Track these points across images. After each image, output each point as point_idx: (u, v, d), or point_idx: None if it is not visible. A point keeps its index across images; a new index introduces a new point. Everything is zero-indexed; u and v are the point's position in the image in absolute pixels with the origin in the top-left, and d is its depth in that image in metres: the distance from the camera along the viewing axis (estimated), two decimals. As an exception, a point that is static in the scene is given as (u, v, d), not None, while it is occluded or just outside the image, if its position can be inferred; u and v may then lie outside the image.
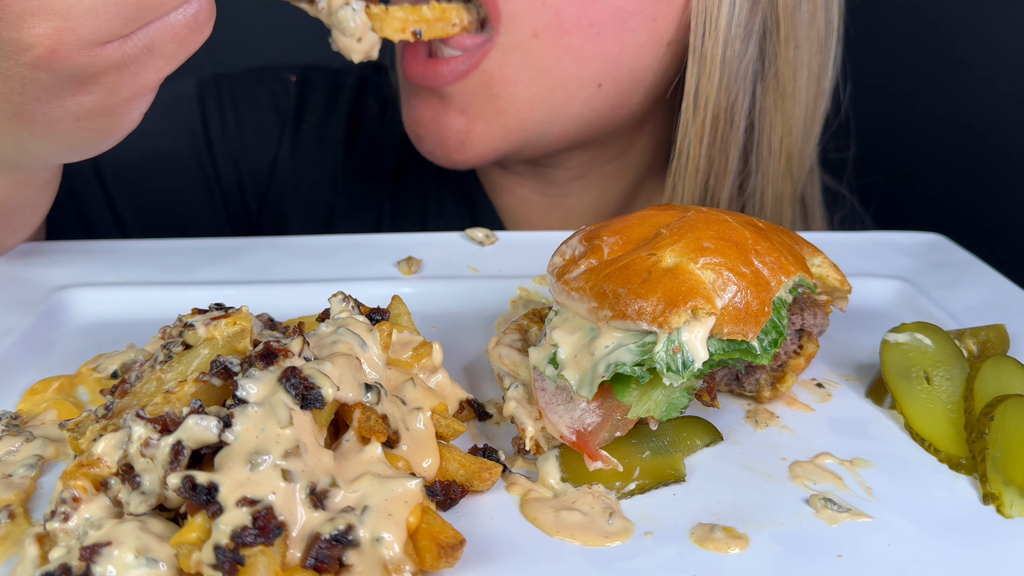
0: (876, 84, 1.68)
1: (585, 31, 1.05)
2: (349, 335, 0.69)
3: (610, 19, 1.05)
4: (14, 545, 0.61)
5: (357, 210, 1.36)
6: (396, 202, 1.36)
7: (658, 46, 1.10)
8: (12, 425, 0.73)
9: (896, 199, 1.67)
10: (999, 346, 0.85)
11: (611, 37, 1.06)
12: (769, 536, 0.64)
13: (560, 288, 0.73)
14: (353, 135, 1.38)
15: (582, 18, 1.04)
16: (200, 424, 0.58)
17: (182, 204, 1.33)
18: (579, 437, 0.68)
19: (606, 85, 1.10)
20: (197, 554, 0.54)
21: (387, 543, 0.57)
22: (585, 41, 1.05)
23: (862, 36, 1.41)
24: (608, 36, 1.06)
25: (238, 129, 1.35)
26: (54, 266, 0.98)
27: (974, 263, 1.06)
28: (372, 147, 1.39)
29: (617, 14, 1.05)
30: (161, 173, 1.31)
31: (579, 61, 1.07)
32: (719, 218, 0.74)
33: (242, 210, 1.36)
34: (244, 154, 1.35)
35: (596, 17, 1.04)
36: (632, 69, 1.10)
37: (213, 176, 1.34)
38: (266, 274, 0.99)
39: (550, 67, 1.06)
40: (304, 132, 1.37)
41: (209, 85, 1.35)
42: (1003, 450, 0.69)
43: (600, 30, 1.05)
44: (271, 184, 1.36)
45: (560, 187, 1.30)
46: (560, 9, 1.03)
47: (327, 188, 1.37)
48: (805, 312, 0.80)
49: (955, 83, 1.60)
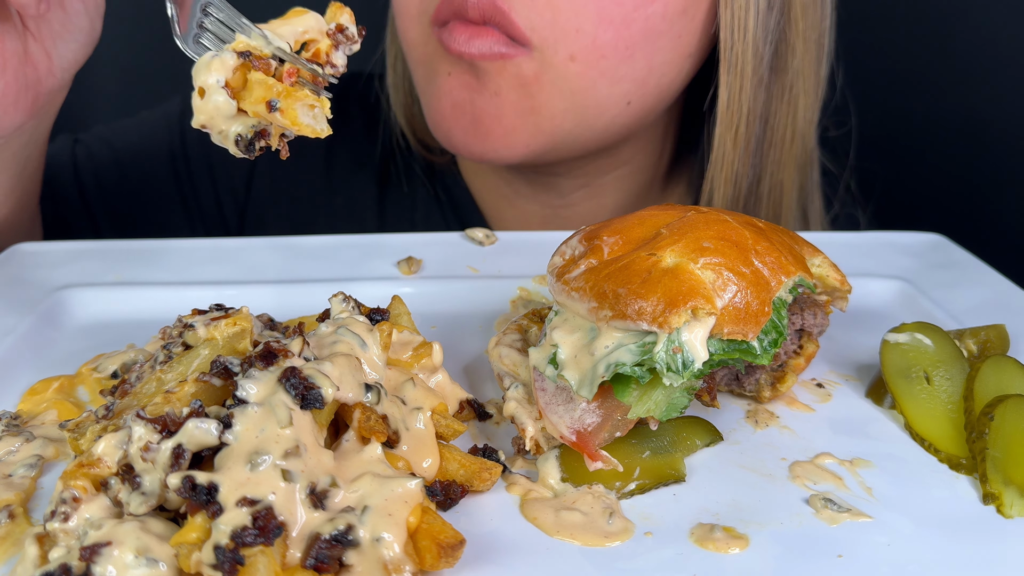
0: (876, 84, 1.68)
1: (621, 54, 1.05)
2: (349, 335, 0.69)
3: (643, 41, 1.06)
4: (14, 545, 0.61)
5: (340, 226, 1.34)
6: (381, 219, 1.35)
7: (682, 60, 1.11)
8: (12, 425, 0.73)
9: (896, 199, 1.67)
10: (999, 346, 0.85)
11: (643, 58, 1.07)
12: (769, 536, 0.64)
13: (560, 288, 0.73)
14: (334, 147, 1.37)
15: (619, 42, 1.04)
16: (200, 427, 0.58)
17: (161, 221, 1.33)
18: (579, 437, 0.68)
19: (634, 102, 1.11)
20: (197, 554, 0.54)
21: (387, 543, 0.57)
22: (620, 63, 1.06)
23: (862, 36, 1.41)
24: (640, 57, 1.07)
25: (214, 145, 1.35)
26: (54, 266, 0.98)
27: (974, 263, 1.06)
28: (355, 160, 1.37)
29: (649, 35, 1.06)
30: (141, 190, 1.32)
31: (612, 82, 1.07)
32: (719, 218, 0.74)
33: (221, 226, 1.36)
34: (221, 168, 1.35)
35: (631, 40, 1.05)
36: (658, 85, 1.11)
37: (191, 193, 1.34)
38: (266, 274, 0.99)
39: (585, 88, 1.07)
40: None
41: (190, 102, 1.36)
42: (1003, 450, 0.69)
43: (634, 52, 1.06)
44: (249, 199, 1.36)
45: (564, 197, 1.29)
46: (597, 35, 1.03)
47: (307, 203, 1.36)
48: (805, 312, 0.80)
49: (955, 82, 1.60)
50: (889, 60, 1.68)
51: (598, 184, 1.28)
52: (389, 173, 1.36)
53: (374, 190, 1.36)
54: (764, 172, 1.20)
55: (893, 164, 1.68)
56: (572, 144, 1.14)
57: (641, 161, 1.29)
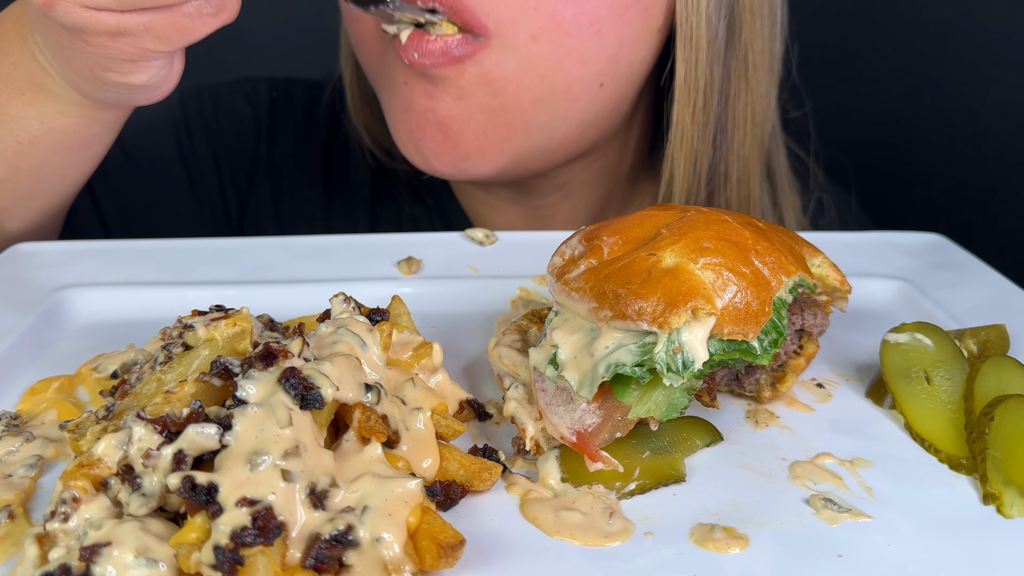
0: (876, 84, 1.68)
1: (586, 30, 1.01)
2: (349, 335, 0.69)
3: (608, 14, 1.02)
4: (14, 545, 0.61)
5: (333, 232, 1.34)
6: (372, 227, 1.35)
7: (650, 35, 1.07)
8: (12, 425, 0.73)
9: (895, 199, 1.67)
10: (999, 346, 0.85)
11: (611, 33, 1.03)
12: (769, 536, 0.64)
13: (560, 288, 0.73)
14: (330, 152, 1.36)
15: (581, 17, 1.00)
16: (201, 432, 0.58)
17: (168, 212, 1.33)
18: (579, 438, 0.68)
19: (607, 84, 1.07)
20: (197, 554, 0.54)
21: (387, 543, 0.57)
22: (586, 40, 1.02)
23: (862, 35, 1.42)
24: (608, 33, 1.03)
25: (219, 138, 1.35)
26: (54, 266, 0.98)
27: (974, 263, 1.06)
28: (348, 166, 1.36)
29: (615, 8, 1.02)
30: (146, 181, 1.32)
31: (581, 61, 1.03)
32: (719, 218, 0.74)
33: (224, 217, 1.36)
34: (226, 162, 1.35)
35: (595, 14, 1.01)
36: (630, 63, 1.08)
37: (200, 183, 1.34)
38: (266, 274, 0.99)
39: (553, 70, 1.03)
40: (280, 147, 1.36)
41: (190, 96, 1.35)
42: (1003, 450, 0.69)
43: (600, 27, 1.02)
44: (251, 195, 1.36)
45: (543, 198, 1.27)
46: (557, 11, 0.99)
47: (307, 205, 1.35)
48: (805, 312, 0.80)
49: (955, 82, 1.60)
50: (889, 59, 1.68)
51: (573, 183, 1.26)
52: (381, 182, 1.35)
53: (366, 200, 1.36)
54: (730, 154, 1.17)
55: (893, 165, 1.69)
56: (551, 140, 1.09)
57: (614, 158, 1.26)
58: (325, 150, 1.37)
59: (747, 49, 1.13)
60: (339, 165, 1.37)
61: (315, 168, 1.37)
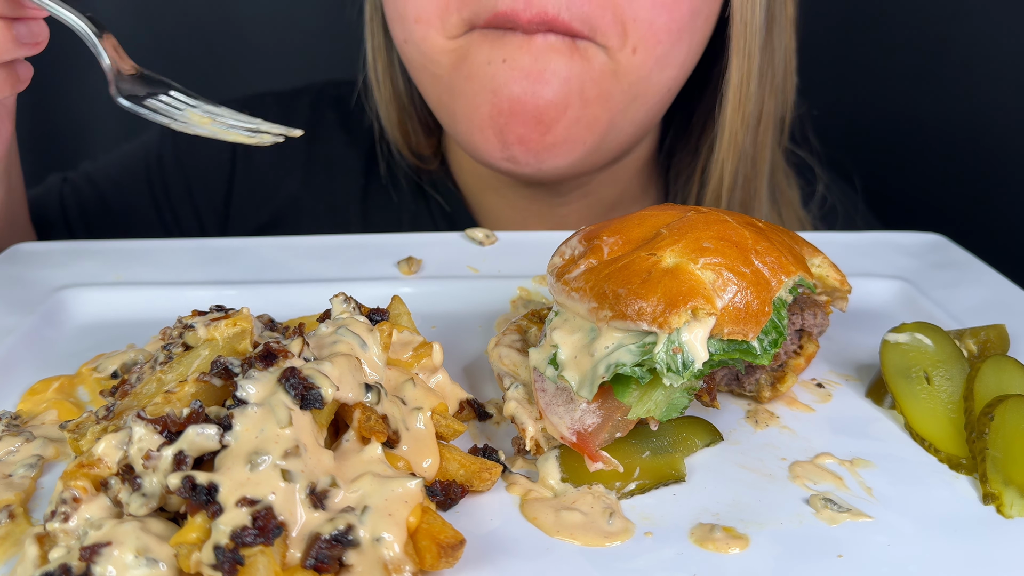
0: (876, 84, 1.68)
1: (673, 37, 1.03)
2: (349, 335, 0.69)
3: (689, 21, 1.04)
4: (14, 545, 0.61)
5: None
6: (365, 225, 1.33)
7: (703, 44, 1.10)
8: (12, 425, 0.73)
9: (896, 199, 1.67)
10: (999, 346, 0.85)
11: (687, 39, 1.05)
12: (769, 536, 0.64)
13: (560, 288, 0.73)
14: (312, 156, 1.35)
15: (672, 24, 1.02)
16: (201, 433, 0.58)
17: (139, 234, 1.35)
18: (579, 438, 0.68)
19: (672, 89, 1.09)
20: (197, 554, 0.54)
21: (387, 543, 0.57)
22: (672, 48, 1.04)
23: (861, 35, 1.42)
24: (686, 39, 1.05)
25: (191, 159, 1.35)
26: (54, 266, 0.98)
27: (974, 263, 1.06)
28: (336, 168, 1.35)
29: (694, 15, 1.04)
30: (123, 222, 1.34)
31: (663, 67, 1.05)
32: (719, 218, 0.74)
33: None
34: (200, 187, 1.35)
35: (681, 22, 1.03)
36: (688, 70, 1.10)
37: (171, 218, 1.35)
38: (266, 274, 0.99)
39: (642, 78, 1.04)
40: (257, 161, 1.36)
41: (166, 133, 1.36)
42: (1003, 450, 0.69)
43: (682, 35, 1.04)
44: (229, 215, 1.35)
45: (562, 196, 1.27)
46: (653, 20, 1.01)
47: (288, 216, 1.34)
48: (805, 312, 0.80)
49: (955, 82, 1.60)
50: (889, 59, 1.68)
51: (593, 180, 1.27)
52: (371, 183, 1.34)
53: (357, 201, 1.35)
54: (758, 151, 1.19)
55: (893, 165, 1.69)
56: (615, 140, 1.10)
57: (633, 154, 1.27)
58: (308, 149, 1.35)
59: (775, 49, 1.16)
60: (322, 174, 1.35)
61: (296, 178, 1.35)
